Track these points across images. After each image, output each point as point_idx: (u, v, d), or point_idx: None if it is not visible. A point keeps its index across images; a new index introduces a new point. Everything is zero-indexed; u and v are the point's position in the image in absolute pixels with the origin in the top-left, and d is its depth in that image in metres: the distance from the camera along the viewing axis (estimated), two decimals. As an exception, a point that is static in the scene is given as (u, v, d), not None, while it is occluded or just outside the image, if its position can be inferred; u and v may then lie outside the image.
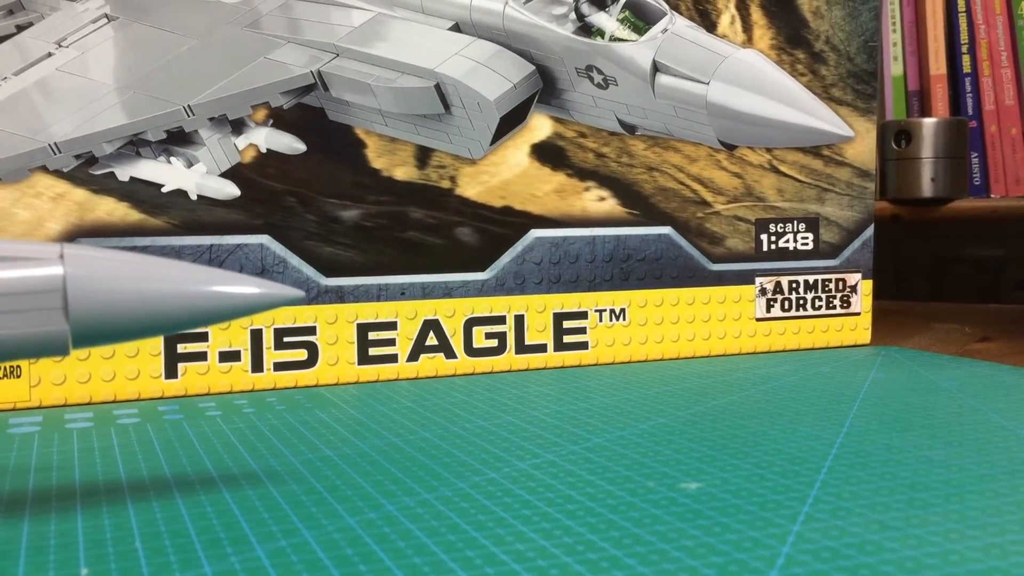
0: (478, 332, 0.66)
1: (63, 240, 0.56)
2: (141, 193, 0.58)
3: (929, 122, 1.09)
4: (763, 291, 0.74)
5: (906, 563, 0.29)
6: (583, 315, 0.69)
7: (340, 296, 0.63)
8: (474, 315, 0.66)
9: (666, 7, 0.68)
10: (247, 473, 0.41)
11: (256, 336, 0.61)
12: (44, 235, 0.56)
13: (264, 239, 0.61)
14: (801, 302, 0.75)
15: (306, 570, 0.30)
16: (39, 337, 0.32)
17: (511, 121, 0.66)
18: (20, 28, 0.57)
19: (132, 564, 0.30)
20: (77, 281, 0.32)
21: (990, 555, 0.30)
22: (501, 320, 0.67)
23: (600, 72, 0.67)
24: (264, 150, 0.60)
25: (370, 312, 0.63)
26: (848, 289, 0.77)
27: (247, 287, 0.35)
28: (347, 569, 0.30)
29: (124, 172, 0.58)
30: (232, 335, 0.60)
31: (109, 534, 0.33)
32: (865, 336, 0.77)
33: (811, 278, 0.76)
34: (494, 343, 0.67)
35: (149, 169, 0.58)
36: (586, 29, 0.66)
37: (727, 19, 0.71)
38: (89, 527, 0.34)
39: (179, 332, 0.36)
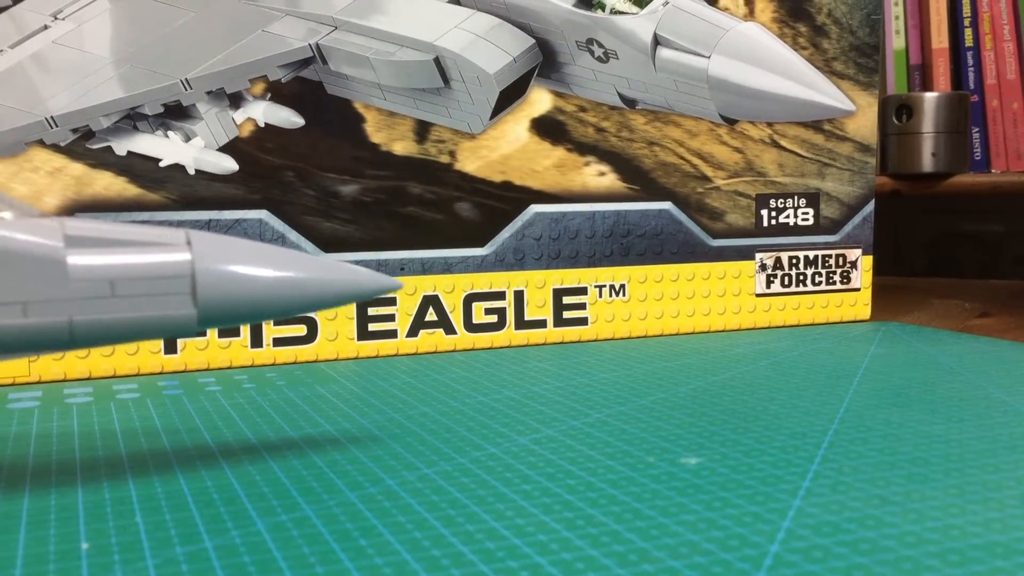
0: (477, 308, 0.66)
1: (61, 215, 0.56)
2: (138, 167, 0.58)
3: (930, 96, 1.08)
4: (763, 267, 0.74)
5: (907, 537, 0.29)
6: (583, 291, 0.69)
7: (339, 271, 0.62)
8: (473, 291, 0.66)
9: (667, -21, 0.67)
10: (247, 448, 0.41)
11: (255, 311, 0.60)
12: (42, 210, 0.55)
13: (263, 214, 0.60)
14: (801, 278, 0.75)
15: (306, 544, 0.30)
16: (167, 320, 0.33)
17: (511, 95, 0.65)
18: (16, 0, 0.56)
19: (133, 538, 0.30)
20: (204, 267, 0.34)
21: (990, 529, 0.30)
22: (501, 296, 0.67)
23: (600, 45, 0.66)
24: (262, 124, 0.60)
25: (369, 287, 0.63)
26: (848, 265, 0.77)
27: (354, 275, 0.37)
28: (347, 543, 0.30)
29: (121, 146, 0.57)
30: (231, 310, 0.60)
31: (110, 508, 0.33)
32: (865, 312, 0.77)
33: (811, 254, 0.75)
34: (494, 319, 0.67)
35: (146, 143, 0.58)
36: (586, 2, 0.66)
37: (729, -8, 0.70)
38: (89, 501, 0.34)
39: (290, 317, 0.38)
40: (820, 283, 0.76)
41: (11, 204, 0.33)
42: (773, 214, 0.74)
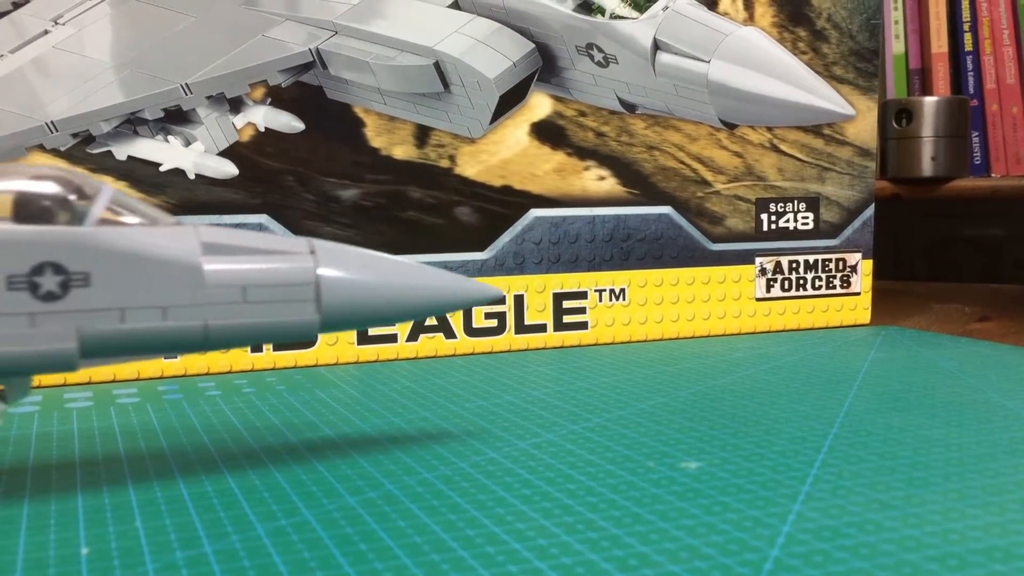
0: (477, 312, 0.66)
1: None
2: (139, 172, 0.58)
3: (930, 101, 1.08)
4: (763, 271, 0.74)
5: (906, 542, 0.29)
6: (583, 295, 0.69)
7: (339, 276, 0.62)
8: (474, 295, 0.66)
9: (667, -16, 0.68)
10: (247, 453, 0.41)
11: (255, 316, 0.60)
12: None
13: (263, 218, 0.60)
14: (801, 282, 0.75)
15: (307, 549, 0.30)
16: (292, 325, 0.35)
17: (511, 100, 0.65)
18: (16, 5, 0.56)
19: (133, 543, 0.30)
20: (327, 274, 0.36)
21: (990, 534, 0.30)
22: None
23: (600, 50, 0.66)
24: (262, 128, 0.60)
25: (369, 292, 0.63)
26: (848, 269, 0.77)
27: (462, 284, 0.39)
28: (348, 548, 0.30)
29: (121, 151, 0.57)
30: (231, 315, 0.60)
31: (109, 513, 0.33)
32: (865, 316, 0.77)
33: (811, 258, 0.76)
34: (494, 323, 0.67)
35: (147, 148, 0.58)
36: (586, 6, 0.66)
37: (728, -4, 0.70)
38: (89, 506, 0.34)
39: (403, 322, 0.39)
40: (820, 287, 0.76)
41: (150, 211, 0.35)
42: (773, 218, 0.74)
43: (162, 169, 0.58)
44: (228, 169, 0.59)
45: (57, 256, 0.32)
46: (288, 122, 0.61)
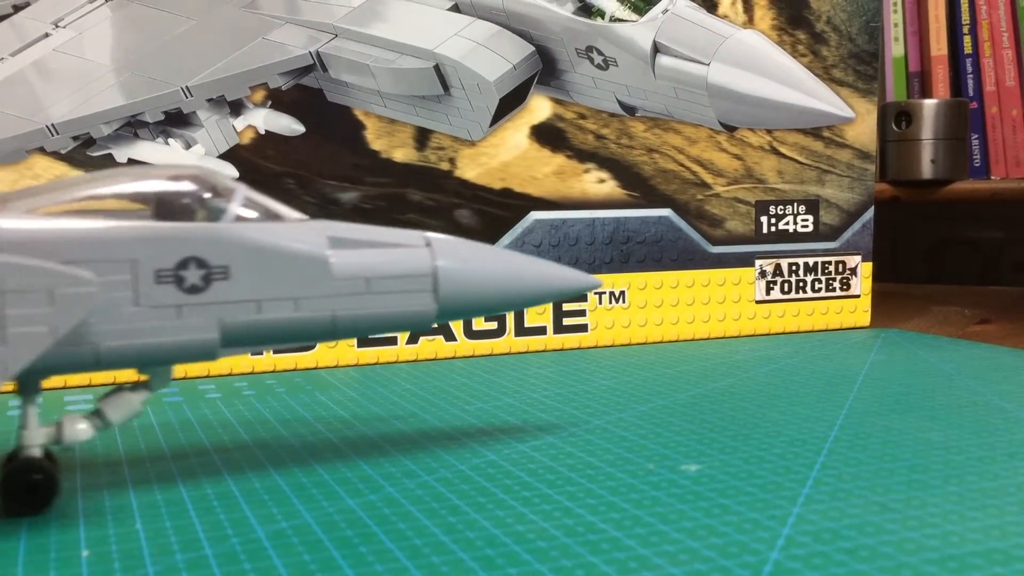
0: (478, 314, 0.66)
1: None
2: (139, 175, 0.58)
3: (930, 103, 1.08)
4: (763, 273, 0.74)
5: (906, 544, 0.29)
6: (583, 297, 0.69)
7: (339, 278, 0.62)
8: (474, 297, 0.66)
9: (667, -13, 0.68)
10: (247, 455, 0.41)
11: (255, 318, 0.60)
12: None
13: (263, 221, 0.60)
14: (801, 284, 0.75)
15: (307, 552, 0.30)
16: (412, 315, 0.37)
17: (510, 102, 0.65)
18: (17, 8, 0.56)
19: (133, 546, 0.30)
20: (444, 266, 0.37)
21: (989, 536, 0.30)
22: (501, 302, 0.67)
23: (600, 53, 0.66)
24: (263, 131, 0.60)
25: (369, 294, 0.63)
26: (848, 271, 0.77)
27: (563, 273, 0.41)
28: (348, 551, 0.30)
29: (122, 153, 0.57)
30: (231, 317, 0.60)
31: (110, 515, 0.33)
32: (865, 318, 0.77)
33: (811, 260, 0.76)
34: (494, 325, 0.67)
35: (147, 150, 0.58)
36: (586, 9, 0.66)
37: (728, 0, 0.70)
38: (89, 508, 0.34)
39: (509, 311, 0.41)
40: (820, 290, 0.76)
41: (278, 207, 0.36)
42: (773, 221, 0.74)
43: (162, 172, 0.58)
44: (228, 172, 0.59)
45: (200, 251, 0.33)
46: (288, 125, 0.61)
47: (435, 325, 0.38)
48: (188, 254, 0.33)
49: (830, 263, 0.76)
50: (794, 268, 0.75)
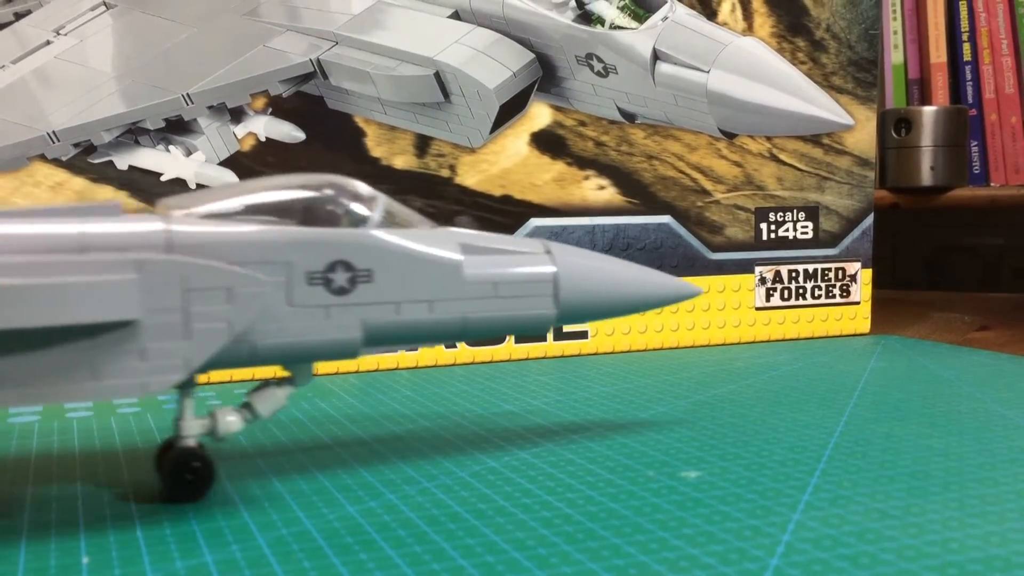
0: (478, 321, 0.66)
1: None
2: (140, 182, 0.58)
3: (929, 110, 1.08)
4: (763, 280, 0.74)
5: (906, 551, 0.29)
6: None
7: (340, 285, 0.62)
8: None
9: (666, -5, 0.68)
10: (247, 462, 0.41)
11: (256, 325, 0.60)
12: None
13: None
14: (801, 291, 0.75)
15: (307, 559, 0.30)
16: (534, 318, 0.39)
17: (511, 109, 0.65)
18: (18, 16, 0.56)
19: (133, 553, 0.30)
20: (564, 272, 0.39)
21: (989, 543, 0.30)
22: (501, 309, 0.67)
23: (600, 60, 0.67)
24: (263, 138, 0.60)
25: (370, 301, 0.63)
26: (848, 278, 0.77)
27: (667, 281, 0.43)
28: (348, 558, 0.30)
29: (123, 160, 0.58)
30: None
31: (110, 523, 0.33)
32: (864, 325, 0.78)
33: (811, 267, 0.76)
34: (494, 332, 0.67)
35: (148, 158, 0.58)
36: (586, 17, 0.66)
37: (728, 7, 0.70)
38: (90, 515, 0.34)
39: (618, 317, 0.44)
40: (819, 296, 0.76)
41: (413, 215, 0.38)
42: (772, 227, 0.74)
43: (163, 179, 0.58)
44: (229, 179, 0.60)
45: (347, 255, 0.35)
46: (289, 132, 0.61)
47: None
48: (336, 258, 0.35)
49: (830, 270, 0.76)
50: (794, 275, 0.75)
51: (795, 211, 0.75)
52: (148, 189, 0.58)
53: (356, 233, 0.35)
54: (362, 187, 0.37)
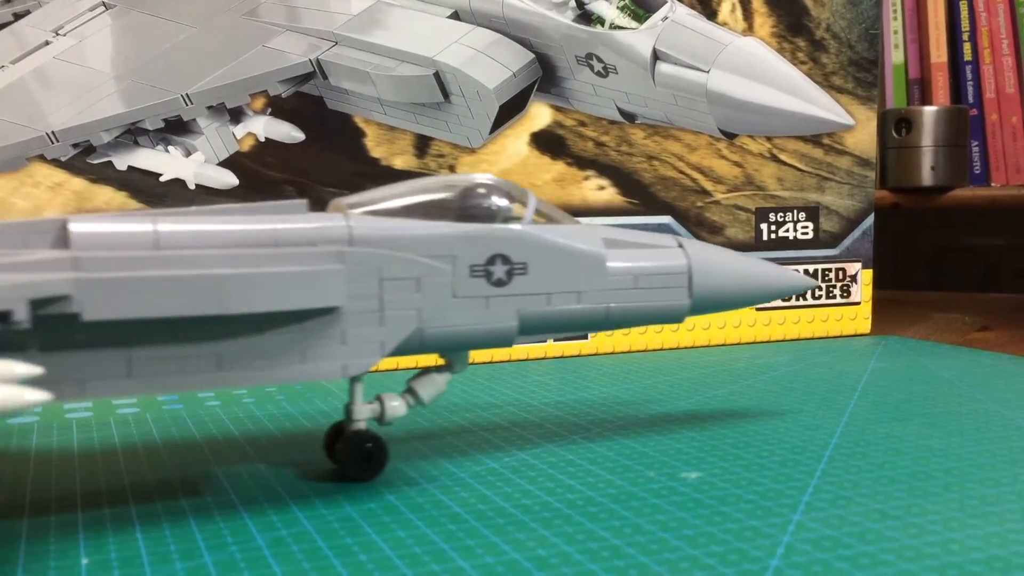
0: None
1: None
2: (139, 182, 0.58)
3: (930, 110, 1.08)
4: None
5: (906, 552, 0.29)
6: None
7: (339, 285, 0.62)
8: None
9: (666, -5, 0.68)
10: (246, 463, 0.41)
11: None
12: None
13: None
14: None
15: (306, 559, 0.30)
16: (669, 309, 0.41)
17: (510, 110, 0.65)
18: (17, 16, 0.56)
19: (132, 554, 0.30)
20: (696, 266, 0.41)
21: (990, 544, 0.30)
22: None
23: (600, 60, 0.67)
24: (262, 139, 0.60)
25: (369, 301, 0.63)
26: (848, 279, 0.77)
27: (785, 272, 0.45)
28: (347, 559, 0.30)
29: (122, 161, 0.57)
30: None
31: (109, 524, 0.33)
32: (865, 325, 0.77)
33: (811, 267, 0.76)
34: (494, 332, 0.66)
35: (147, 158, 0.58)
36: (586, 17, 0.66)
37: (728, 7, 0.70)
38: (89, 517, 0.34)
39: (741, 308, 0.46)
40: (820, 297, 0.76)
41: (558, 212, 0.40)
42: (773, 228, 0.74)
43: (162, 179, 0.58)
44: (228, 179, 0.60)
45: (505, 249, 0.37)
46: (288, 132, 0.61)
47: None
48: (496, 251, 0.37)
49: (830, 270, 0.76)
50: (794, 275, 0.75)
51: (795, 211, 0.75)
52: (147, 189, 0.58)
53: (512, 229, 0.38)
54: (513, 186, 0.40)
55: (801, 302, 0.75)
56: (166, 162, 0.58)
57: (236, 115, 0.59)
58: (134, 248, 0.32)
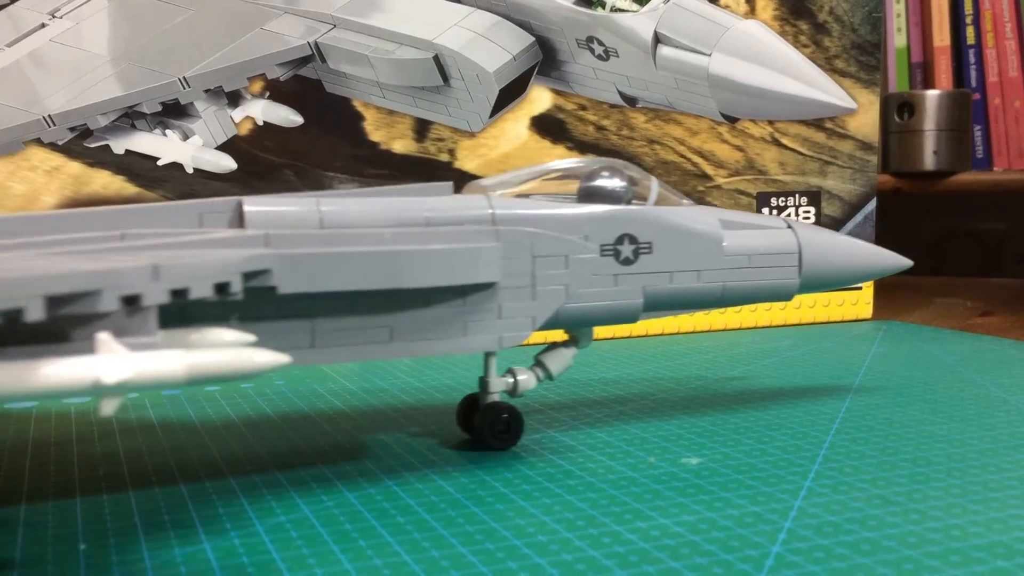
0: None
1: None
2: (136, 166, 0.58)
3: (932, 94, 1.07)
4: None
5: (908, 538, 0.29)
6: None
7: (339, 270, 0.62)
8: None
9: (668, -23, 0.67)
10: (246, 449, 0.41)
11: (255, 310, 0.60)
12: (39, 208, 0.55)
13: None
14: (802, 276, 0.75)
15: (306, 545, 0.29)
16: (779, 287, 0.43)
17: (510, 93, 0.65)
18: (13, -1, 0.56)
19: (131, 540, 0.30)
20: (806, 245, 0.43)
21: (992, 530, 0.30)
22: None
23: (601, 43, 0.66)
24: (261, 122, 0.60)
25: (369, 286, 0.63)
26: (849, 263, 0.76)
27: (885, 253, 0.46)
28: (347, 544, 0.29)
29: (119, 145, 0.57)
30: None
31: (107, 510, 0.33)
32: (867, 311, 0.77)
33: (812, 252, 0.75)
34: (494, 317, 0.66)
35: (145, 142, 0.58)
36: (586, 0, 0.65)
37: (729, -11, 0.70)
38: (87, 502, 0.34)
39: (841, 288, 0.47)
40: (821, 282, 0.76)
41: (677, 194, 0.42)
42: (774, 212, 0.74)
43: (160, 163, 0.58)
44: (226, 163, 0.59)
45: (632, 229, 0.39)
46: (287, 116, 0.60)
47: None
48: (624, 231, 0.39)
49: (832, 255, 0.76)
50: (796, 260, 0.75)
51: (797, 196, 0.74)
52: (145, 173, 0.58)
53: (639, 210, 0.39)
54: (637, 169, 0.42)
55: (802, 287, 0.75)
56: (164, 146, 0.58)
57: (234, 98, 0.59)
58: (303, 227, 0.34)
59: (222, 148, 0.59)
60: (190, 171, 0.58)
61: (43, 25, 0.56)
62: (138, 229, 0.32)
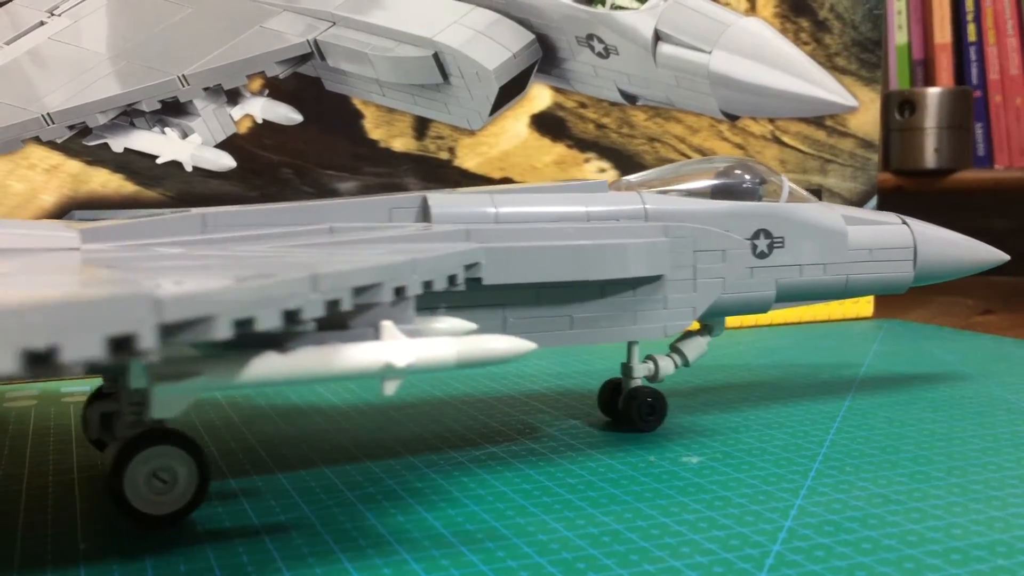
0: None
1: (58, 213, 0.55)
2: (135, 164, 0.57)
3: (933, 92, 1.07)
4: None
5: (909, 536, 0.29)
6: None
7: (339, 268, 0.62)
8: (474, 287, 0.65)
9: (668, -26, 0.67)
10: (245, 448, 0.41)
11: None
12: (38, 207, 0.55)
13: (261, 211, 0.60)
14: (803, 274, 0.75)
15: (305, 545, 0.29)
16: (895, 280, 0.45)
17: (510, 91, 0.65)
18: (11, -4, 0.56)
19: (131, 539, 0.30)
20: (920, 240, 0.45)
21: (993, 528, 0.30)
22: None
23: (601, 41, 0.66)
24: (260, 120, 0.60)
25: (369, 284, 0.63)
26: (850, 261, 0.76)
27: (985, 247, 0.48)
28: (346, 543, 0.29)
29: (118, 143, 0.57)
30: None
31: (107, 510, 0.33)
32: (868, 309, 0.77)
33: (813, 250, 0.75)
34: (494, 316, 0.66)
35: (144, 140, 0.57)
36: (587, -3, 0.65)
37: (730, -13, 0.70)
38: (87, 502, 0.34)
39: (949, 280, 0.48)
40: (822, 279, 0.76)
41: (802, 191, 0.44)
42: (774, 210, 0.74)
43: (159, 161, 0.58)
44: (225, 161, 0.59)
45: (767, 224, 0.41)
46: (286, 114, 0.60)
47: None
48: (760, 227, 0.41)
49: (832, 253, 0.76)
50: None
51: (797, 194, 0.74)
52: (144, 172, 0.58)
53: (772, 206, 0.42)
54: (763, 166, 0.44)
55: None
56: (163, 144, 0.58)
57: (233, 97, 0.59)
58: (483, 222, 0.36)
59: (221, 146, 0.59)
60: (189, 169, 0.58)
61: (42, 23, 0.56)
62: (341, 223, 0.34)
